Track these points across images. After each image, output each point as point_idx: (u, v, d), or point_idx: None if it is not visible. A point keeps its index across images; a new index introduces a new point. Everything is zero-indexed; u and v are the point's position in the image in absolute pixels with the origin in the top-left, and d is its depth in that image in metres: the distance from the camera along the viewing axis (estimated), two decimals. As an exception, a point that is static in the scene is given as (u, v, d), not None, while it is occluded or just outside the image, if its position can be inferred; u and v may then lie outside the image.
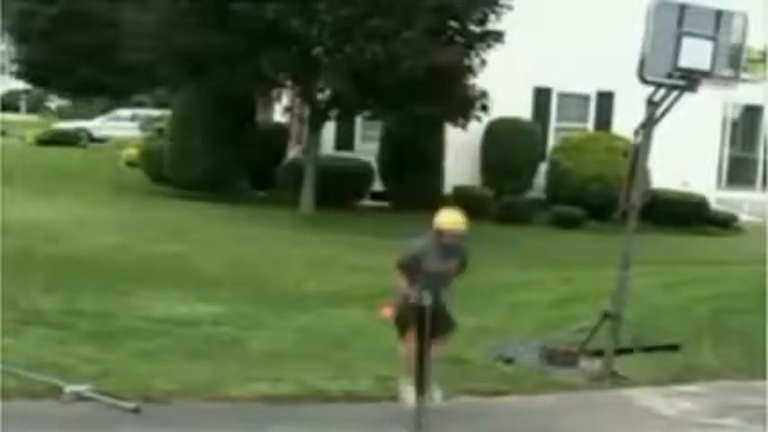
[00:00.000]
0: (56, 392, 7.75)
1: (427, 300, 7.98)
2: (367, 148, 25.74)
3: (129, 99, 50.56)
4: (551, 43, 23.79)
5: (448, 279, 8.25)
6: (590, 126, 26.88)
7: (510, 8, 21.13)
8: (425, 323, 7.95)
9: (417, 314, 7.99)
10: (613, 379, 9.79)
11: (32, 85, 57.95)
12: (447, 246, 8.10)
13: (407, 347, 8.08)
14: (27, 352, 8.73)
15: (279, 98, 26.52)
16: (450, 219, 8.14)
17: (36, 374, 7.98)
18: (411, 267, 8.16)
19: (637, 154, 10.02)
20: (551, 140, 26.59)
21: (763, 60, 27.48)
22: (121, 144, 34.49)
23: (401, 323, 8.21)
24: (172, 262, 14.48)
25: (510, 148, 25.01)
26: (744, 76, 12.36)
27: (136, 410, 7.62)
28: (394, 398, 8.52)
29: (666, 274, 16.49)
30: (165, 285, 12.61)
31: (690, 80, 9.51)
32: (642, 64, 9.41)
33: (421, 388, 7.99)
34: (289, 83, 22.86)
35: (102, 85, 47.26)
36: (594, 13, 23.75)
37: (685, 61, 9.36)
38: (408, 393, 8.04)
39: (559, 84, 26.15)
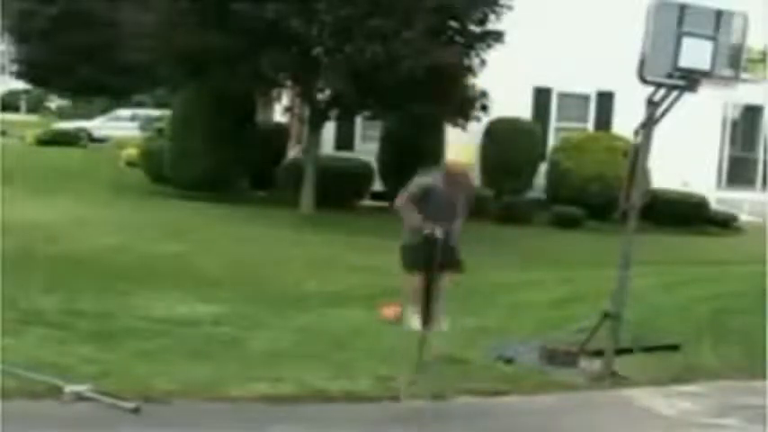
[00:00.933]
0: (56, 392, 7.75)
1: (439, 233, 8.06)
2: (367, 148, 25.76)
3: (129, 99, 50.57)
4: (551, 43, 23.81)
5: (456, 213, 8.33)
6: (590, 126, 26.91)
7: (510, 8, 21.14)
8: (436, 254, 8.01)
9: (429, 246, 8.06)
10: (613, 379, 9.79)
11: (32, 85, 57.97)
12: (453, 178, 8.20)
13: (414, 279, 8.13)
14: (27, 352, 8.73)
15: (279, 98, 26.54)
16: (456, 153, 8.30)
17: (36, 374, 7.97)
18: (420, 200, 8.24)
19: (637, 154, 10.03)
20: (551, 140, 26.62)
21: (763, 60, 27.49)
22: (121, 144, 34.51)
23: (408, 253, 8.26)
24: (172, 262, 14.49)
25: (510, 148, 25.03)
26: (744, 76, 12.37)
27: (136, 410, 7.61)
28: (394, 398, 8.52)
29: (666, 274, 16.49)
30: (165, 285, 12.61)
31: (690, 80, 9.51)
32: (642, 64, 9.41)
33: (427, 317, 8.04)
34: (289, 83, 22.87)
35: (102, 85, 47.28)
36: (594, 13, 23.77)
37: (685, 61, 9.36)
38: (414, 320, 8.09)
39: (559, 84, 26.17)
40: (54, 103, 58.01)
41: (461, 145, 8.54)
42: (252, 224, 19.66)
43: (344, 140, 26.31)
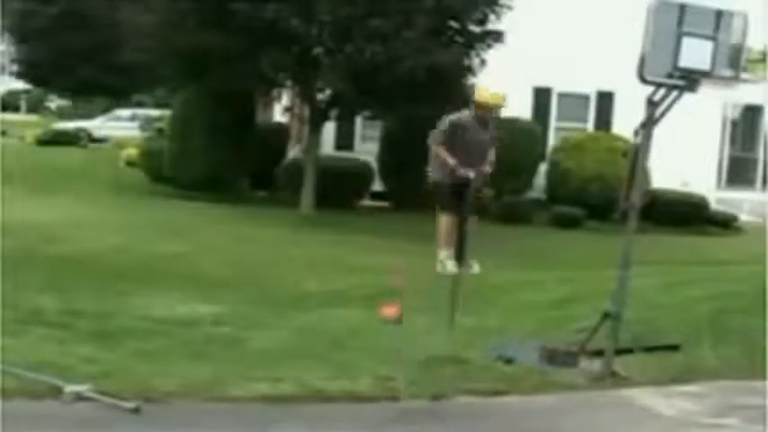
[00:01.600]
0: (56, 392, 7.74)
1: (472, 174, 8.04)
2: (367, 148, 25.78)
3: (129, 99, 50.57)
4: (551, 43, 23.81)
5: (485, 151, 8.29)
6: (590, 126, 26.92)
7: (510, 8, 21.14)
8: (469, 197, 7.98)
9: (462, 187, 8.03)
10: (613, 379, 9.79)
11: (32, 85, 57.95)
12: (482, 117, 8.17)
13: (446, 220, 8.09)
14: (27, 352, 8.72)
15: (279, 98, 26.56)
16: (487, 93, 8.24)
17: (36, 374, 7.97)
18: (450, 139, 8.20)
19: (636, 154, 10.02)
20: (551, 140, 26.62)
21: (763, 60, 27.48)
22: (121, 144, 34.51)
23: (442, 192, 8.22)
24: (172, 262, 14.48)
25: (510, 147, 24.99)
26: (744, 76, 12.36)
27: (136, 410, 7.61)
28: (394, 398, 8.52)
29: (666, 274, 16.48)
30: (165, 285, 12.61)
31: (690, 80, 9.50)
32: (642, 64, 9.40)
33: (460, 258, 8.01)
34: (289, 83, 22.88)
35: (102, 85, 47.26)
36: (594, 13, 23.77)
37: (685, 61, 9.36)
38: (449, 262, 8.05)
39: (559, 84, 26.18)
40: (54, 103, 58.00)
41: (490, 88, 8.43)
42: (252, 224, 19.66)
43: (344, 140, 26.32)
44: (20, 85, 59.63)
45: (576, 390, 9.51)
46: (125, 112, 45.59)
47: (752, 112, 31.22)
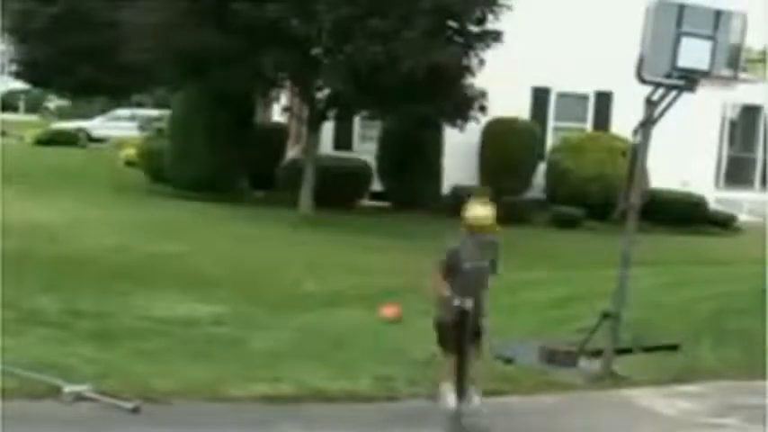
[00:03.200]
0: (56, 392, 7.76)
1: (469, 304, 7.98)
2: (365, 148, 25.77)
3: (128, 99, 50.55)
4: (550, 43, 23.80)
5: (485, 279, 8.20)
6: (588, 126, 26.90)
7: (509, 8, 21.12)
8: (468, 327, 7.95)
9: (460, 318, 7.97)
10: (613, 379, 9.80)
11: (32, 85, 57.91)
12: (480, 241, 8.05)
13: (449, 354, 8.03)
14: (27, 352, 8.73)
15: (278, 98, 26.55)
16: (478, 212, 8.09)
17: (36, 374, 7.98)
18: (451, 269, 8.09)
19: (635, 154, 10.03)
20: (550, 140, 26.60)
21: (762, 60, 27.53)
22: (120, 144, 34.51)
23: (444, 329, 8.13)
24: (172, 262, 14.49)
25: (509, 147, 25.01)
26: (743, 76, 12.39)
27: (135, 410, 7.62)
28: (394, 398, 8.54)
29: (666, 274, 16.50)
30: (165, 285, 12.62)
31: (688, 80, 9.52)
32: (641, 64, 9.42)
33: (462, 391, 7.98)
34: (288, 83, 22.88)
35: (102, 85, 47.22)
36: (593, 13, 23.76)
37: (684, 61, 9.37)
38: (450, 397, 8.00)
39: (558, 84, 26.16)
40: (53, 103, 57.96)
41: (480, 201, 8.33)
42: (251, 224, 19.67)
43: (343, 140, 26.30)
44: (19, 85, 59.59)
45: (576, 390, 9.53)
46: (124, 112, 45.54)
47: (751, 112, 31.25)
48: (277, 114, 28.98)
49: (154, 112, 43.80)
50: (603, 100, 26.53)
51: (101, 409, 7.64)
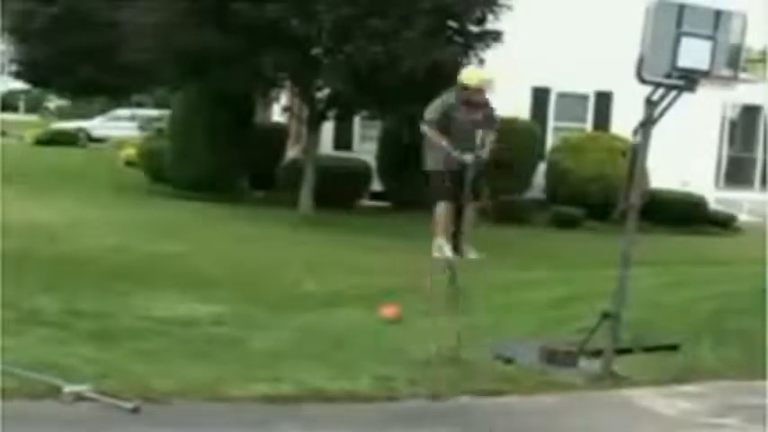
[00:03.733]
0: (56, 392, 7.75)
1: (468, 157, 7.88)
2: (365, 148, 25.80)
3: (128, 99, 50.59)
4: (550, 43, 23.82)
5: (480, 133, 8.11)
6: (588, 126, 26.92)
7: (509, 8, 21.14)
8: (466, 183, 7.82)
9: (458, 174, 7.86)
10: (613, 379, 9.80)
11: (32, 85, 57.93)
12: (470, 100, 8.00)
13: (442, 208, 7.91)
14: (27, 352, 8.72)
15: (278, 98, 26.57)
16: (473, 74, 8.04)
17: (36, 374, 7.98)
18: (441, 122, 8.02)
19: (635, 154, 10.03)
20: (550, 140, 26.63)
21: (762, 60, 27.52)
22: (120, 144, 34.52)
23: (438, 183, 8.02)
24: (172, 262, 14.49)
25: (508, 147, 25.00)
26: (743, 76, 12.37)
27: (135, 410, 7.62)
28: (394, 398, 8.53)
29: (666, 274, 16.50)
30: (165, 285, 12.62)
31: (688, 80, 9.51)
32: (641, 64, 9.41)
33: (456, 245, 7.86)
34: (288, 83, 22.89)
35: (102, 85, 47.25)
36: (593, 13, 23.79)
37: (684, 61, 9.37)
38: (445, 248, 7.87)
39: (558, 83, 26.19)
40: (53, 102, 58.02)
41: (475, 69, 8.33)
42: (251, 224, 19.67)
43: (343, 140, 26.33)
44: (19, 85, 59.62)
45: (576, 390, 9.52)
46: (124, 112, 45.63)
47: (751, 112, 31.24)
48: (277, 114, 29.01)
49: (154, 112, 43.86)
50: (603, 100, 26.56)
51: (101, 409, 7.63)
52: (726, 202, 27.20)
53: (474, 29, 21.52)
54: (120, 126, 42.40)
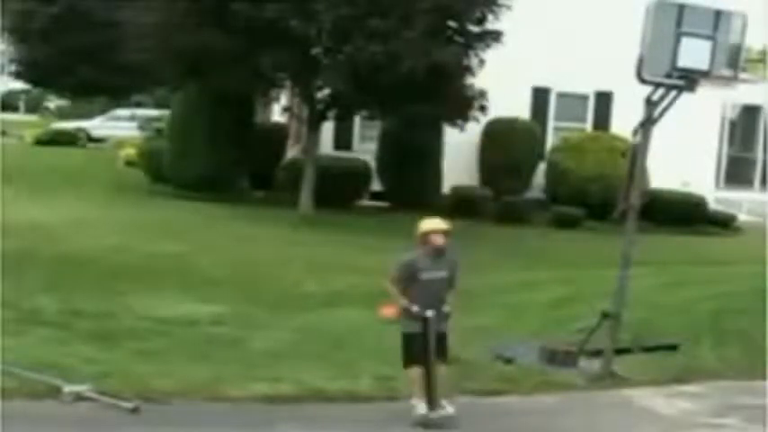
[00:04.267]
0: (56, 392, 7.76)
1: (429, 313, 7.99)
2: (365, 148, 25.76)
3: (128, 99, 50.56)
4: (550, 43, 23.80)
5: (443, 291, 8.21)
6: (588, 126, 26.90)
7: (509, 8, 21.13)
8: (430, 337, 7.95)
9: (421, 328, 7.98)
10: (613, 379, 9.80)
11: (32, 85, 57.90)
12: (436, 251, 8.13)
13: (414, 369, 8.03)
14: (27, 352, 8.73)
15: (278, 98, 26.55)
16: (430, 221, 8.27)
17: (36, 374, 7.98)
18: (406, 280, 8.18)
19: (635, 154, 10.03)
20: (550, 140, 26.61)
21: (762, 60, 27.50)
22: (120, 144, 34.51)
23: (411, 341, 8.11)
24: (172, 262, 14.49)
25: (509, 147, 25.02)
26: (743, 76, 12.38)
27: (135, 410, 7.63)
28: (394, 398, 8.54)
29: (666, 274, 16.50)
30: (165, 285, 12.62)
31: (688, 80, 9.52)
32: (641, 64, 9.42)
33: (432, 402, 7.97)
34: (288, 83, 22.88)
35: (102, 85, 47.21)
36: (593, 13, 23.76)
37: (684, 61, 9.37)
38: (420, 406, 7.99)
39: (558, 84, 26.16)
40: (53, 102, 57.98)
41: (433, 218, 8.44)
42: (251, 224, 19.67)
43: (343, 140, 26.30)
44: (19, 85, 59.57)
45: (576, 390, 9.53)
46: (124, 112, 45.56)
47: (751, 112, 31.23)
48: (277, 114, 28.98)
49: (154, 112, 43.81)
50: (603, 100, 26.53)
51: (101, 409, 7.64)
52: (726, 202, 27.18)
53: (474, 29, 21.49)
54: (119, 126, 42.32)
